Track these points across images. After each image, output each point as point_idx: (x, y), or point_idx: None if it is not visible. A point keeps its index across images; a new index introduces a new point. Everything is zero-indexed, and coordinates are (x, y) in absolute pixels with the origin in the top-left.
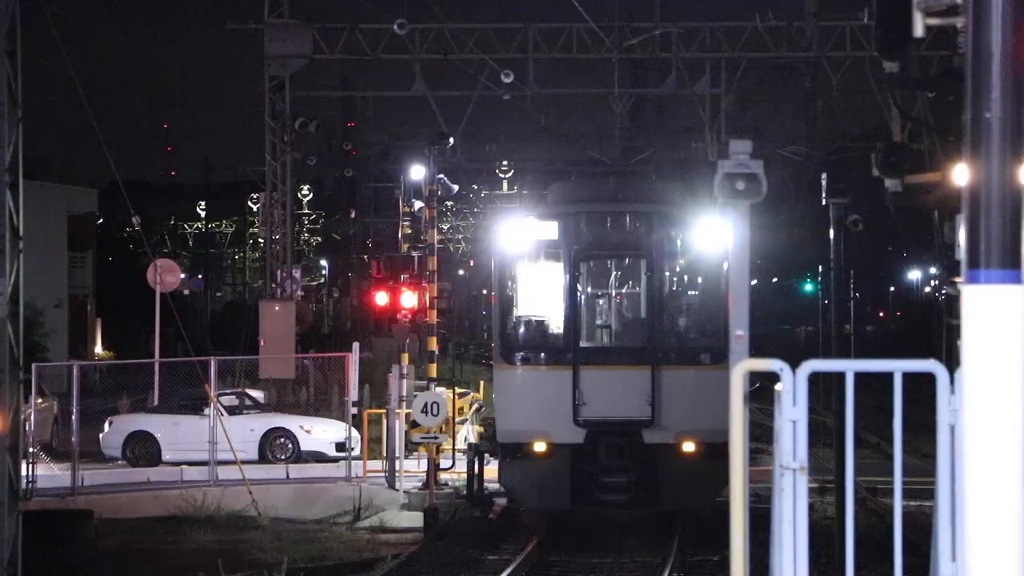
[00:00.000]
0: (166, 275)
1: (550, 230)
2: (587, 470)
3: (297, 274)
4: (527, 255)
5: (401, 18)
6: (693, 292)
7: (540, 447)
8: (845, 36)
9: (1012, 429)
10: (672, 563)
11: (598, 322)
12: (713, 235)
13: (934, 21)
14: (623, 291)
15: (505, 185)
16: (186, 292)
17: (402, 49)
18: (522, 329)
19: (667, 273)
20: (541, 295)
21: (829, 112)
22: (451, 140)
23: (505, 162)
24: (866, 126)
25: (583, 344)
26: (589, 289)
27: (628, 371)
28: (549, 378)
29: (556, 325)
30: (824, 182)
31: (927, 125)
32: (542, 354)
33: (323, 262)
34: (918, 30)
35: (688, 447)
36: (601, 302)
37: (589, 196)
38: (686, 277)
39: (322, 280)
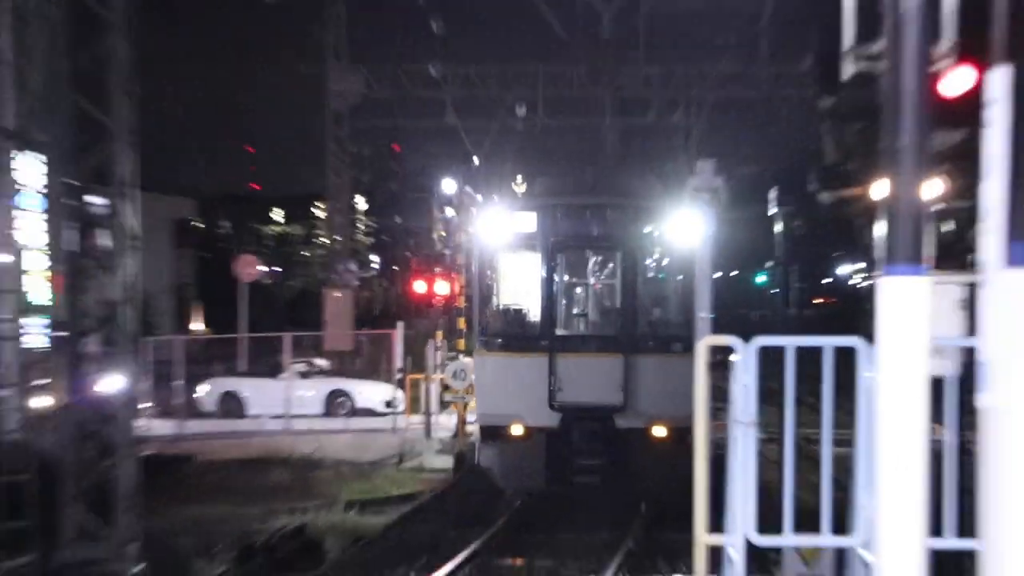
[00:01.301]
0: (249, 268)
1: (528, 221)
2: (561, 452)
3: (353, 267)
4: (506, 246)
5: (436, 62)
6: (665, 283)
7: (517, 430)
8: (791, 79)
9: (916, 390)
10: (632, 538)
11: (573, 311)
12: (685, 229)
13: (861, 66)
14: (598, 281)
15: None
16: (267, 282)
17: (436, 86)
18: (501, 317)
19: (640, 264)
20: (519, 285)
21: (778, 139)
22: (475, 160)
23: (519, 177)
24: (807, 150)
25: (559, 332)
26: (565, 279)
27: (601, 359)
28: (526, 365)
29: (533, 314)
30: (773, 194)
31: (854, 150)
32: (520, 342)
33: (374, 258)
34: (848, 73)
35: (658, 432)
36: (577, 292)
37: (567, 189)
38: (658, 269)
39: (373, 272)
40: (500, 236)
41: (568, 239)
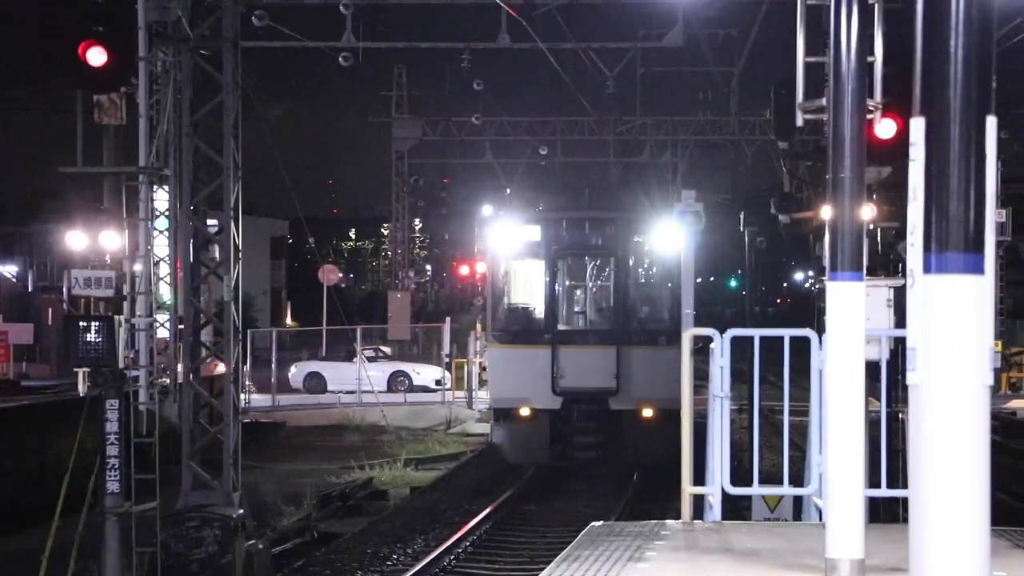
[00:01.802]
0: (330, 274)
1: (534, 232)
2: (563, 431)
3: (411, 274)
4: (515, 253)
5: (477, 113)
6: (651, 284)
7: (525, 412)
8: (756, 126)
9: (856, 371)
10: (624, 504)
11: (573, 309)
12: (668, 238)
13: (809, 116)
14: (594, 283)
15: None
16: (343, 285)
17: (478, 133)
18: (510, 314)
19: (630, 268)
20: (526, 286)
21: (745, 173)
22: (507, 190)
23: (541, 205)
24: (768, 182)
25: (560, 327)
26: (566, 281)
27: (597, 349)
28: (532, 355)
29: (538, 311)
30: (742, 216)
31: (805, 181)
32: (526, 335)
33: (427, 267)
34: (799, 121)
35: (647, 412)
36: (576, 292)
37: (567, 205)
38: (646, 272)
39: (427, 278)
40: (509, 245)
41: (568, 247)
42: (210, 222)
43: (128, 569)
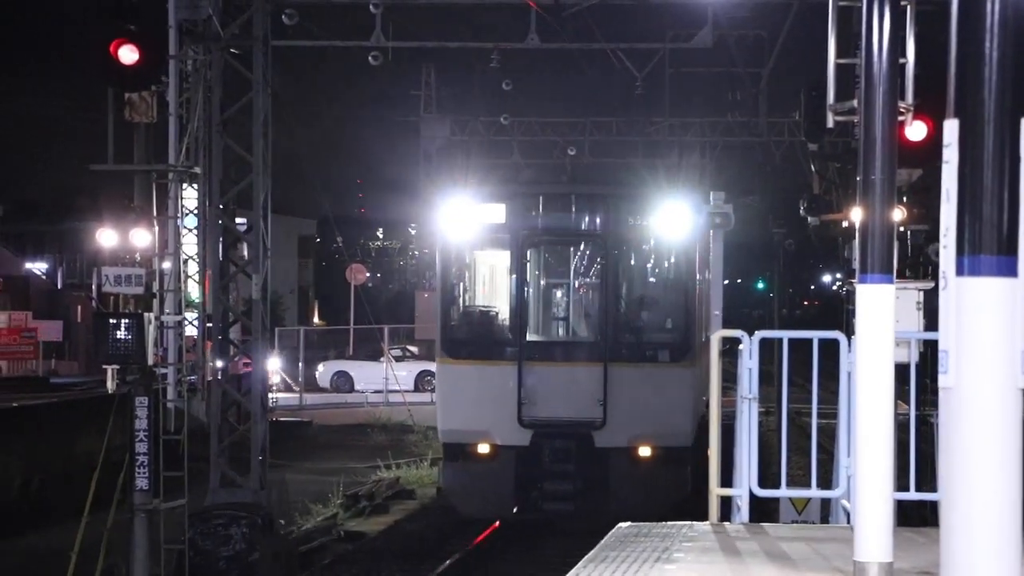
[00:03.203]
0: (357, 274)
1: (496, 213)
2: (531, 475)
3: None
4: (472, 240)
5: (506, 113)
6: (652, 283)
7: (483, 448)
8: (784, 128)
9: (885, 373)
10: None
11: (547, 314)
12: (676, 223)
13: (840, 118)
14: (575, 281)
15: None
16: (370, 285)
17: (505, 133)
18: (465, 320)
19: (622, 262)
20: (486, 284)
21: (774, 175)
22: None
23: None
24: (797, 183)
25: (529, 338)
26: (538, 278)
27: (578, 368)
28: (493, 374)
29: (501, 317)
30: (770, 218)
31: (835, 183)
32: (486, 348)
33: None
34: (830, 123)
35: (643, 452)
36: (552, 292)
37: (541, 178)
38: (645, 267)
39: None
40: (465, 229)
41: (542, 233)
42: (239, 220)
43: (156, 566)
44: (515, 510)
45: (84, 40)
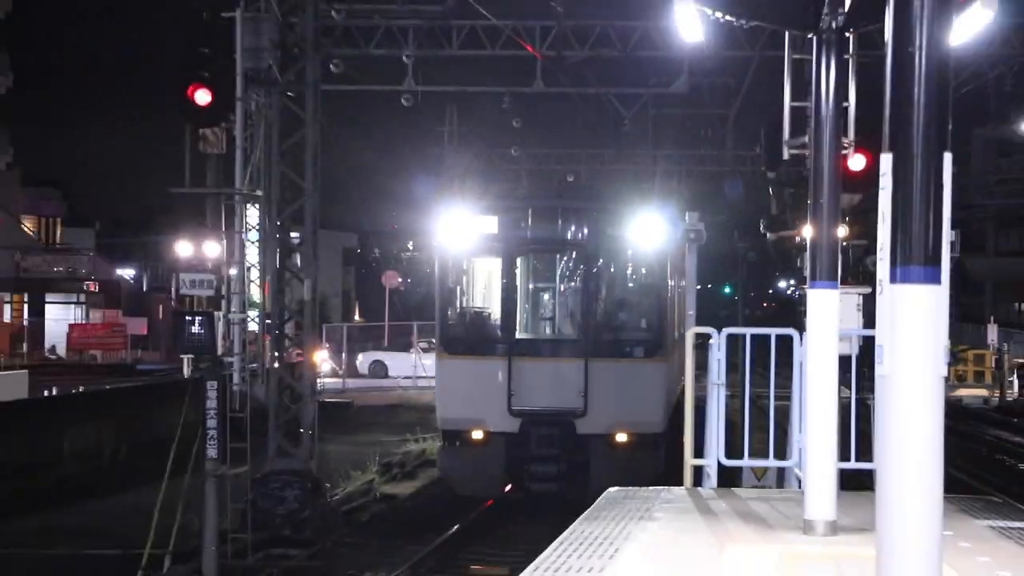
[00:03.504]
0: (391, 279)
1: (490, 224)
2: (520, 458)
3: None
4: (467, 249)
5: (516, 145)
6: (629, 287)
7: (477, 435)
8: (747, 159)
9: (830, 364)
10: None
11: (534, 315)
12: (650, 234)
13: (794, 151)
14: (559, 285)
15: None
16: (402, 288)
17: (515, 162)
18: (461, 320)
19: (602, 269)
20: (480, 287)
21: (739, 199)
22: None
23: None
24: (758, 205)
25: (519, 336)
26: (526, 283)
27: (562, 363)
28: (485, 368)
29: (493, 317)
30: (736, 234)
31: (789, 206)
32: (480, 345)
33: None
34: (785, 155)
35: (620, 438)
36: (539, 295)
37: (531, 193)
38: (621, 273)
39: None
40: (461, 239)
41: (530, 242)
42: (293, 234)
43: (224, 521)
44: (506, 489)
45: (166, 85)
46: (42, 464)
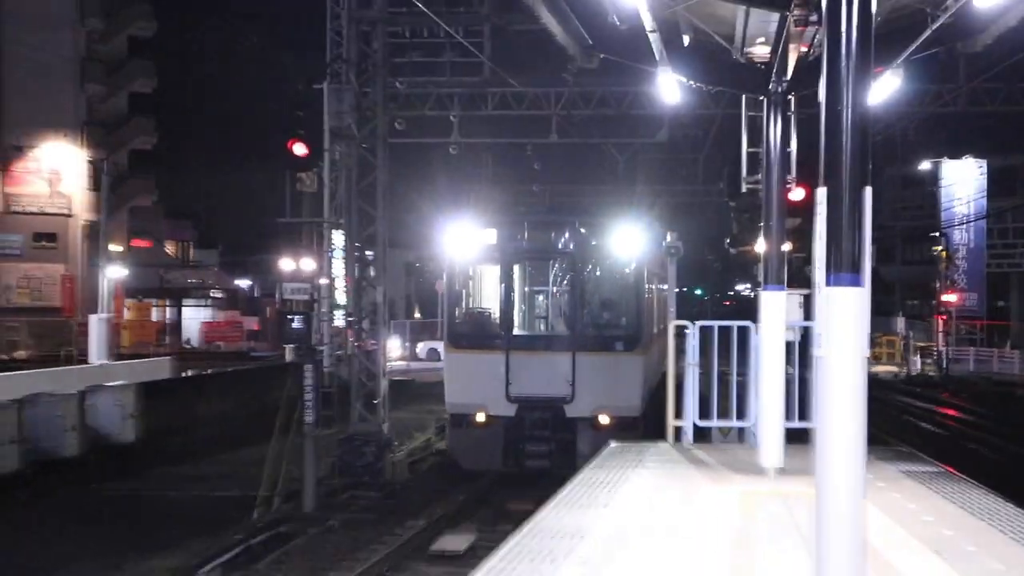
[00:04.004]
0: (441, 286)
1: (490, 235)
2: (516, 438)
3: None
4: (471, 257)
5: (536, 183)
6: (610, 290)
7: (480, 418)
8: (714, 191)
9: (778, 348)
10: None
11: (528, 314)
12: (627, 243)
13: (750, 185)
14: (550, 288)
15: None
16: None
17: (536, 197)
18: (466, 319)
19: (587, 274)
20: (482, 290)
21: (707, 222)
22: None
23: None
24: (722, 227)
25: (515, 332)
26: (522, 286)
27: (552, 356)
28: (487, 360)
29: (493, 316)
30: (706, 248)
31: (746, 227)
32: (481, 340)
33: None
34: (743, 188)
35: (603, 420)
36: (532, 297)
37: (525, 209)
38: (604, 278)
39: None
40: (466, 248)
41: (524, 251)
42: (368, 252)
43: (318, 471)
44: (504, 465)
45: (272, 139)
46: (184, 427)
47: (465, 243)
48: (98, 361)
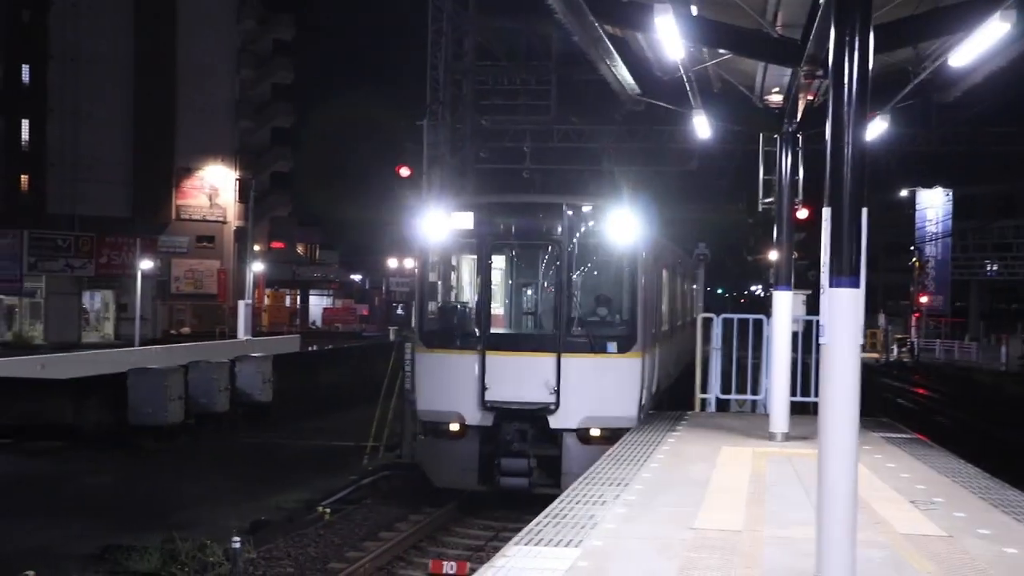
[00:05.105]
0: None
1: (466, 220)
2: (492, 452)
3: None
4: (446, 244)
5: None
6: (602, 283)
7: (454, 427)
8: (737, 209)
9: (786, 337)
10: None
11: (508, 310)
12: (623, 229)
13: (765, 205)
14: (533, 280)
15: None
16: None
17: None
18: (439, 314)
19: (575, 264)
20: (457, 282)
21: (729, 235)
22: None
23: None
24: (738, 239)
25: (493, 330)
26: (500, 277)
27: (534, 358)
28: (461, 362)
29: (469, 311)
30: (726, 255)
31: (761, 239)
32: (455, 338)
33: None
34: (760, 208)
35: (592, 433)
36: (515, 290)
37: (508, 190)
38: (596, 269)
39: None
40: (440, 235)
41: (504, 238)
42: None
43: (413, 427)
44: (480, 483)
45: (384, 167)
46: (308, 391)
47: (440, 228)
48: (243, 337)
